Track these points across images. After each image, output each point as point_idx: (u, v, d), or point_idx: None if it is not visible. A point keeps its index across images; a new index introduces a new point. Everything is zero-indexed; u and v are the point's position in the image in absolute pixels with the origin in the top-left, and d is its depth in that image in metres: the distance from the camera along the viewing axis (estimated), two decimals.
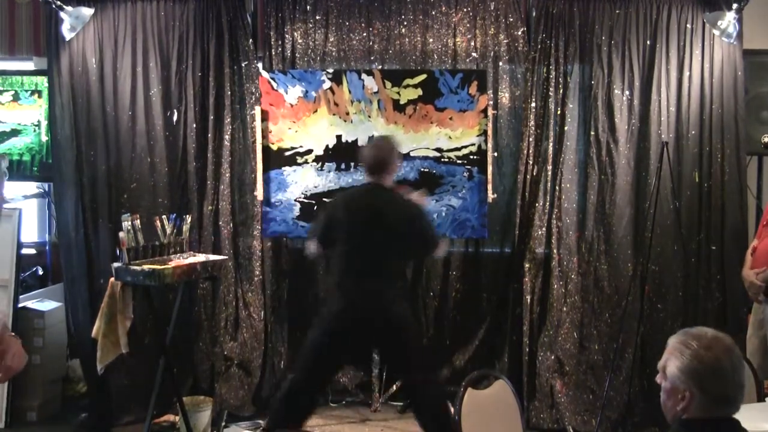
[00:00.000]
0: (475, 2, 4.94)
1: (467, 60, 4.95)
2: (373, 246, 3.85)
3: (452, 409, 2.79)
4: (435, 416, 3.86)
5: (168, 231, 4.35)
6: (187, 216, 4.61)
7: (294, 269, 5.15)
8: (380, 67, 4.96)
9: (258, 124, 4.76)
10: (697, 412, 2.02)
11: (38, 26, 5.46)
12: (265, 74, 4.82)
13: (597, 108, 4.85)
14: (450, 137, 4.74)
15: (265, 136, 4.76)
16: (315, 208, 4.74)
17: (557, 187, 4.89)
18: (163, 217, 4.42)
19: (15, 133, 5.29)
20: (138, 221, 4.24)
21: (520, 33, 4.93)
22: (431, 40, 4.98)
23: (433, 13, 4.97)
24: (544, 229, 4.91)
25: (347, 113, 4.75)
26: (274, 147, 4.77)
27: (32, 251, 5.42)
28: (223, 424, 4.76)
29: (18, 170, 5.28)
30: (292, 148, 4.76)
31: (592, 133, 4.87)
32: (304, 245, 4.59)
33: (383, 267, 3.88)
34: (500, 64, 4.96)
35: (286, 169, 4.77)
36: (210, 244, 5.00)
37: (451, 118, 4.73)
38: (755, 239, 4.21)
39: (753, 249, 4.15)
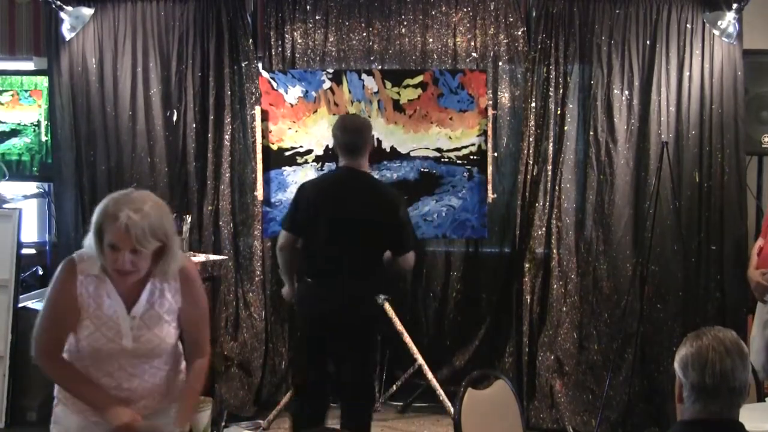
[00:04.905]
0: (475, 2, 4.94)
1: (467, 60, 4.95)
2: (346, 237, 3.61)
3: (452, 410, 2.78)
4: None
5: None
6: (187, 216, 4.62)
7: None
8: (380, 67, 4.96)
9: (258, 124, 4.76)
10: (689, 405, 2.01)
11: (38, 26, 5.45)
12: (265, 74, 4.81)
13: (596, 108, 4.85)
14: (450, 137, 4.73)
15: (265, 136, 4.75)
16: None
17: (557, 187, 4.90)
18: None
19: (15, 133, 5.29)
20: None
21: (520, 33, 4.93)
22: (431, 40, 4.98)
23: (433, 13, 4.97)
24: (543, 229, 4.91)
25: (347, 113, 4.75)
26: (274, 147, 4.77)
27: (32, 251, 5.41)
28: (224, 424, 4.75)
29: (18, 170, 5.28)
30: (292, 148, 4.76)
31: (592, 133, 4.87)
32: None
33: (355, 260, 3.63)
34: (500, 64, 4.96)
35: (286, 169, 4.76)
36: (210, 244, 5.00)
37: (451, 118, 4.73)
38: (761, 239, 4.17)
39: (759, 249, 4.12)
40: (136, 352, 2.40)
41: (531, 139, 4.89)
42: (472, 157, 4.71)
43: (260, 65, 5.03)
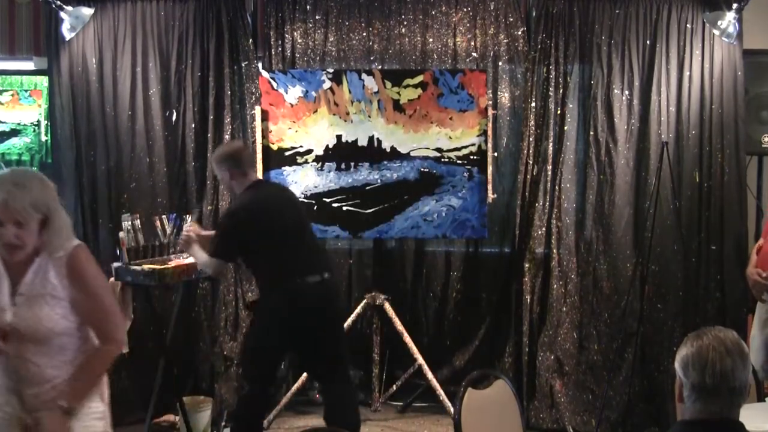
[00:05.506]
0: (475, 2, 4.94)
1: (467, 60, 4.95)
2: (305, 236, 3.95)
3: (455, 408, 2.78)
4: (348, 415, 3.90)
5: (168, 231, 4.35)
6: (187, 216, 4.62)
7: None
8: (380, 67, 4.96)
9: (258, 124, 4.76)
10: (689, 405, 2.01)
11: (38, 26, 5.45)
12: (265, 74, 4.81)
13: (596, 108, 4.85)
14: (450, 137, 4.73)
15: (265, 136, 4.76)
16: (315, 207, 4.74)
17: (557, 187, 4.89)
18: (163, 216, 4.42)
19: (15, 133, 5.29)
20: (138, 221, 4.24)
21: (520, 33, 4.93)
22: (431, 40, 4.98)
23: (433, 13, 4.97)
24: (543, 229, 4.91)
25: (347, 113, 4.75)
26: (274, 147, 4.77)
27: None
28: (223, 424, 4.76)
29: None
30: (292, 148, 4.76)
31: (592, 133, 4.87)
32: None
33: (321, 256, 4.02)
34: (500, 64, 4.96)
35: (286, 169, 4.77)
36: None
37: (451, 118, 4.73)
38: (761, 238, 4.19)
39: (758, 248, 4.13)
40: (16, 331, 2.44)
41: (531, 139, 4.89)
42: (472, 157, 4.72)
43: (260, 65, 5.03)
